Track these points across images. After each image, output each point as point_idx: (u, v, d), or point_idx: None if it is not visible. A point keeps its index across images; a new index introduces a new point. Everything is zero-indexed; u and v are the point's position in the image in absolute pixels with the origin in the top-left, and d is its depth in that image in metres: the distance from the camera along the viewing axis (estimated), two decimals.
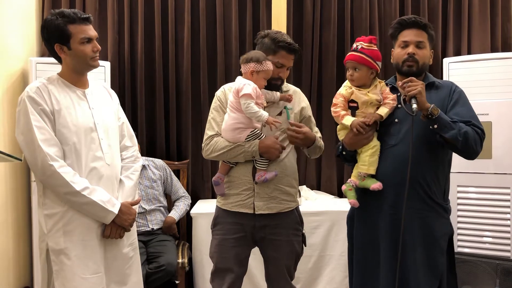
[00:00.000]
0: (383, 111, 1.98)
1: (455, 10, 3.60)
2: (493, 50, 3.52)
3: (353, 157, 2.09)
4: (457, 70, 3.17)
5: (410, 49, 1.99)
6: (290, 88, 2.25)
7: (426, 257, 1.95)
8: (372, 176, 2.00)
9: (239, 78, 2.09)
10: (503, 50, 3.51)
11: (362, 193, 2.05)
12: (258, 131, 2.06)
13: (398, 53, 2.04)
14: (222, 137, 2.09)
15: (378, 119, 1.97)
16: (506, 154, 3.00)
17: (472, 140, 1.87)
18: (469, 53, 3.53)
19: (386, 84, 2.13)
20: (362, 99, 1.98)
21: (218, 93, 2.20)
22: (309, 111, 2.25)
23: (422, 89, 1.84)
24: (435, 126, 1.85)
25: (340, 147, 2.11)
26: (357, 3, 3.59)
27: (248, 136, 2.04)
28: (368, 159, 1.98)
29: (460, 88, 2.04)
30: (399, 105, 1.99)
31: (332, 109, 2.03)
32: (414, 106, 1.80)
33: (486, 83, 3.07)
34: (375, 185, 1.96)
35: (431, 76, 2.10)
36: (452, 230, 2.04)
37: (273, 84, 2.10)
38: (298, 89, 2.28)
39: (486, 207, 3.06)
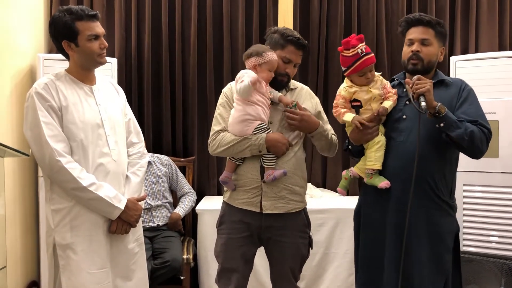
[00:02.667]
0: (387, 104, 2.00)
1: (463, 8, 3.58)
2: (501, 48, 3.50)
3: (360, 152, 2.11)
4: (464, 68, 3.15)
5: (414, 46, 2.00)
6: (297, 85, 2.22)
7: (431, 254, 1.95)
8: (379, 172, 2.01)
9: (241, 71, 2.08)
10: (511, 49, 3.48)
11: (369, 189, 2.06)
12: (265, 125, 2.04)
13: (404, 51, 2.06)
14: (229, 132, 2.07)
15: (384, 112, 1.98)
16: None
17: (478, 139, 1.87)
18: (476, 51, 3.51)
19: (393, 79, 2.15)
20: (366, 97, 2.00)
21: (225, 89, 2.19)
22: (319, 107, 2.23)
23: (430, 87, 1.84)
24: (442, 124, 1.85)
25: (347, 141, 2.14)
26: (364, 1, 3.57)
27: (255, 128, 2.02)
28: (373, 154, 1.99)
29: (470, 87, 2.04)
30: (407, 102, 2.01)
31: (333, 110, 2.07)
32: (423, 103, 1.81)
33: (493, 81, 3.05)
34: (383, 183, 1.98)
35: (441, 73, 2.09)
36: (458, 227, 2.05)
37: (279, 80, 2.07)
38: (306, 87, 2.26)
39: (492, 206, 3.05)
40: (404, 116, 2.00)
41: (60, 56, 2.04)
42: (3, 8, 2.83)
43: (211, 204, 3.17)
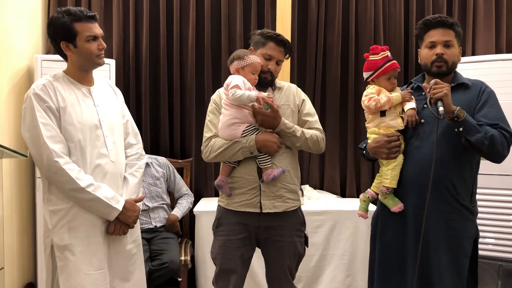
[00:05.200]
0: (411, 105, 1.98)
1: (460, 11, 3.60)
2: (498, 51, 3.52)
3: (374, 159, 2.11)
4: (461, 71, 3.09)
5: (438, 49, 1.96)
6: (284, 84, 2.25)
7: (450, 259, 1.92)
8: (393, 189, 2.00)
9: (230, 76, 2.10)
10: (508, 52, 3.50)
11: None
12: (254, 126, 2.05)
13: (426, 53, 2.01)
14: (219, 138, 2.09)
15: (414, 113, 1.96)
16: (511, 156, 2.99)
17: (499, 144, 1.83)
18: (473, 54, 3.54)
19: (411, 82, 2.14)
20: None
21: (214, 96, 2.21)
22: (306, 104, 2.23)
23: (448, 91, 1.81)
24: (461, 129, 1.82)
25: (364, 145, 2.10)
26: (361, 3, 3.59)
27: (244, 131, 2.03)
28: (390, 172, 1.97)
29: (490, 88, 2.00)
30: (425, 105, 1.97)
31: (370, 102, 1.97)
32: (441, 108, 1.78)
33: (490, 84, 3.01)
34: (396, 207, 1.97)
35: (461, 75, 2.06)
36: (477, 232, 2.01)
37: (262, 77, 2.10)
38: (293, 85, 2.27)
39: (490, 208, 3.05)
40: (422, 120, 1.97)
41: (58, 57, 2.03)
42: (1, 9, 2.82)
43: (209, 206, 3.17)
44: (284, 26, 3.18)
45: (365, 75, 2.08)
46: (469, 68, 3.13)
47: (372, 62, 2.04)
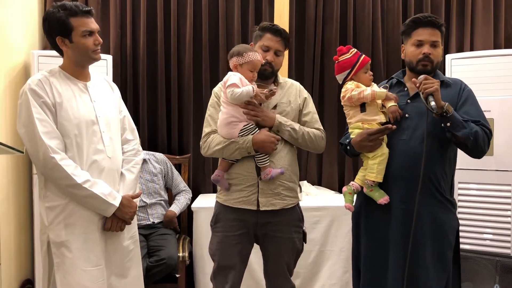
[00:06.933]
0: (391, 103, 1.99)
1: (458, 7, 3.59)
2: (496, 47, 3.52)
3: (356, 155, 2.10)
4: (459, 66, 3.16)
5: (426, 49, 1.99)
6: (287, 80, 2.24)
7: (435, 252, 1.96)
8: (379, 183, 2.00)
9: (229, 73, 2.08)
10: (506, 47, 3.50)
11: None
12: (251, 126, 2.03)
13: (412, 51, 2.03)
14: (218, 134, 2.08)
15: (396, 109, 1.97)
16: (507, 151, 3.00)
17: (481, 139, 1.89)
18: (471, 49, 3.53)
19: (391, 78, 2.17)
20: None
21: (216, 89, 2.19)
22: (308, 104, 2.22)
23: (438, 86, 1.85)
24: (448, 124, 1.86)
25: (347, 140, 2.10)
26: None
27: (241, 130, 2.02)
28: (376, 167, 1.97)
29: (469, 87, 2.06)
30: (408, 100, 2.02)
31: (353, 94, 1.96)
32: (433, 103, 1.82)
33: (488, 79, 3.06)
34: (382, 199, 1.97)
35: (441, 73, 2.10)
36: (458, 224, 2.06)
37: (262, 69, 2.08)
38: (297, 83, 2.26)
39: (487, 204, 3.06)
40: (406, 115, 2.00)
41: (54, 52, 2.02)
42: None
43: (207, 202, 3.17)
44: (282, 21, 3.16)
45: (341, 76, 2.07)
46: (468, 64, 3.14)
47: (345, 61, 2.05)
